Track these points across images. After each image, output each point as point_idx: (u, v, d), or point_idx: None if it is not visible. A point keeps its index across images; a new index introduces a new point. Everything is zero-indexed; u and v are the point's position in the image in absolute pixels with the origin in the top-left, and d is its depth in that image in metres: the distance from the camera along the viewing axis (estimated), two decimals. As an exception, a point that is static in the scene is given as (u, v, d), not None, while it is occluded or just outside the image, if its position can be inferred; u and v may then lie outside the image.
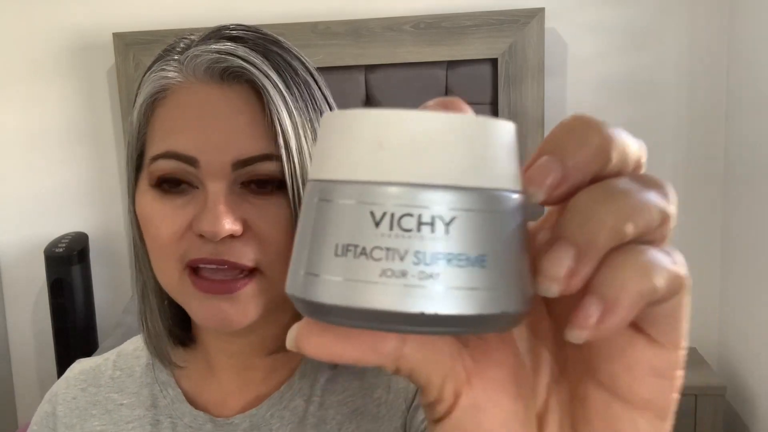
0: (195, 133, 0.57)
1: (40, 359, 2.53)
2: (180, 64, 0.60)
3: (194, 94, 0.58)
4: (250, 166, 0.57)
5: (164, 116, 0.59)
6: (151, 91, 0.60)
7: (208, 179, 0.57)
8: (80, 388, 0.73)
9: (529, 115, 2.17)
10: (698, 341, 2.29)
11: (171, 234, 0.58)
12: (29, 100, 2.43)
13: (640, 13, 2.20)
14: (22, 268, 2.50)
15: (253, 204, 0.58)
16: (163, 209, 0.59)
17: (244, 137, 0.57)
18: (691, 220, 2.26)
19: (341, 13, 2.25)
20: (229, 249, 0.57)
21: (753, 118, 2.03)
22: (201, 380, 0.70)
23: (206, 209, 0.56)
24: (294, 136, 0.57)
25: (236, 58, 0.58)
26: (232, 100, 0.58)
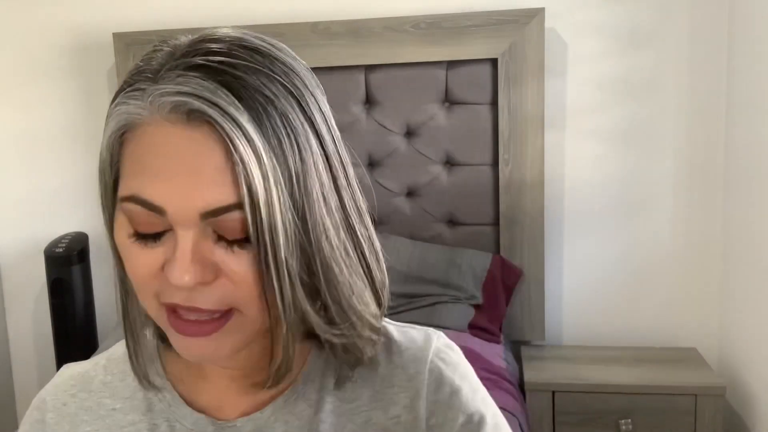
0: (161, 179, 0.54)
1: (40, 359, 2.53)
2: (145, 100, 0.55)
3: (160, 135, 0.55)
4: (218, 216, 0.54)
5: (132, 153, 0.57)
6: (118, 126, 0.57)
7: (176, 226, 0.55)
8: (70, 393, 0.71)
9: (529, 115, 2.17)
10: (698, 341, 2.29)
11: (144, 274, 0.57)
12: (29, 100, 2.43)
13: (640, 13, 2.20)
14: (22, 268, 2.50)
15: (225, 248, 0.56)
16: (137, 248, 0.57)
17: (212, 185, 0.54)
18: (692, 220, 2.26)
19: (341, 13, 2.25)
20: (201, 295, 0.56)
21: (753, 118, 2.03)
22: (196, 384, 0.69)
23: (174, 259, 0.55)
24: (263, 187, 0.53)
25: (200, 99, 0.53)
26: (199, 142, 0.54)
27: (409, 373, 0.68)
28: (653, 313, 2.31)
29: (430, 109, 2.23)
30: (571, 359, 2.18)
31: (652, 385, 2.01)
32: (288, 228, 0.55)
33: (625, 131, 2.25)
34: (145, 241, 0.57)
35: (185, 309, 0.57)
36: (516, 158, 2.19)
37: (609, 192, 2.28)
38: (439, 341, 0.70)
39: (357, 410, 0.67)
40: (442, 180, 2.26)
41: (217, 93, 0.53)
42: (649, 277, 2.30)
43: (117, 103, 0.58)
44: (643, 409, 2.01)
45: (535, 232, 2.23)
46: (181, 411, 0.68)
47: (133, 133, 0.57)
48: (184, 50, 0.57)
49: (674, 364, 2.13)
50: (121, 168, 0.58)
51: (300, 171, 0.55)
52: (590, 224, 2.30)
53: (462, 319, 2.06)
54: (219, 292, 0.56)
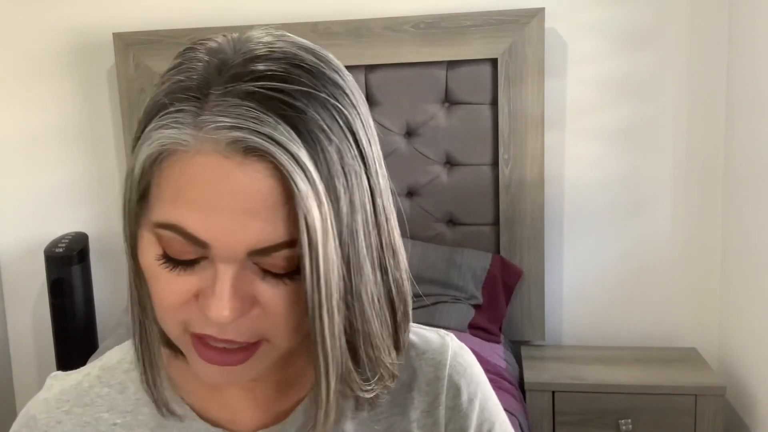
0: (208, 211, 0.51)
1: (40, 359, 2.53)
2: (195, 128, 0.52)
3: (210, 166, 0.51)
4: (266, 256, 0.52)
5: (173, 177, 0.52)
6: (159, 149, 0.53)
7: (218, 261, 0.52)
8: (64, 410, 0.66)
9: (529, 115, 2.17)
10: (698, 341, 2.29)
11: (173, 301, 0.54)
12: (29, 100, 2.43)
13: (640, 13, 2.20)
14: (22, 268, 2.50)
15: (266, 282, 0.53)
16: (167, 274, 0.54)
17: (264, 222, 0.51)
18: (691, 220, 2.26)
19: (341, 13, 2.25)
20: (235, 327, 0.53)
21: (753, 118, 2.03)
22: (206, 396, 0.66)
23: (214, 294, 0.52)
24: (321, 227, 0.51)
25: (260, 136, 0.50)
26: (255, 178, 0.51)
27: (429, 377, 0.68)
28: (653, 313, 2.31)
29: (430, 109, 2.23)
30: (571, 359, 2.18)
31: (652, 385, 2.01)
32: (339, 274, 0.53)
33: (625, 131, 2.25)
34: (174, 266, 0.53)
35: (217, 340, 0.54)
36: (516, 158, 2.19)
37: (609, 192, 2.28)
38: (454, 344, 0.70)
39: (377, 417, 0.66)
40: (442, 180, 2.26)
41: (278, 128, 0.50)
42: (649, 277, 2.30)
43: (159, 125, 0.53)
44: (643, 409, 2.01)
45: (535, 232, 2.23)
46: (196, 426, 0.64)
47: (176, 159, 0.52)
48: (232, 70, 0.52)
49: (674, 364, 2.13)
50: (156, 191, 0.53)
51: (349, 212, 0.53)
52: (590, 224, 2.30)
53: (462, 319, 2.06)
54: (252, 323, 0.54)
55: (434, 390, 0.67)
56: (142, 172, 0.54)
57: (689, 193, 2.25)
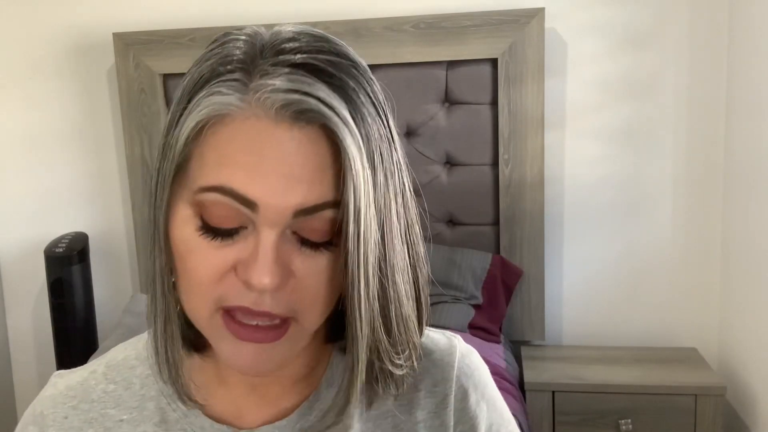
0: (257, 173, 0.52)
1: (40, 359, 2.53)
2: (246, 92, 0.53)
3: (259, 130, 0.53)
4: (312, 214, 0.53)
5: (220, 144, 0.54)
6: (209, 114, 0.54)
7: (263, 224, 0.53)
8: (70, 405, 0.67)
9: (529, 115, 2.17)
10: (698, 341, 2.29)
11: (212, 274, 0.54)
12: (29, 100, 2.43)
13: (640, 13, 2.20)
14: (22, 268, 2.50)
15: (302, 253, 0.55)
16: (205, 246, 0.54)
17: (311, 183, 0.53)
18: (691, 220, 2.26)
19: (341, 13, 2.25)
20: (272, 299, 0.54)
21: (753, 119, 2.03)
22: (212, 392, 0.66)
23: (257, 260, 0.53)
24: (363, 191, 0.53)
25: (315, 100, 0.53)
26: (302, 142, 0.53)
27: (436, 378, 0.68)
28: (653, 313, 2.31)
29: (430, 109, 2.23)
30: (571, 359, 2.18)
31: (652, 385, 2.01)
32: (375, 240, 0.55)
33: (625, 131, 2.25)
34: (214, 237, 0.54)
35: (251, 314, 0.54)
36: (516, 158, 2.19)
37: (609, 192, 2.28)
38: (462, 345, 0.71)
39: (384, 415, 0.66)
40: (442, 180, 2.26)
41: (327, 93, 0.53)
42: (649, 277, 2.30)
43: (209, 93, 0.54)
44: (643, 409, 2.01)
45: (535, 232, 2.23)
46: (200, 421, 0.65)
47: (224, 125, 0.54)
48: (276, 46, 0.55)
49: (674, 364, 2.13)
50: (197, 160, 0.54)
51: (384, 182, 0.56)
52: (590, 224, 2.30)
53: (462, 319, 2.06)
54: (287, 296, 0.55)
55: (442, 391, 0.68)
56: (186, 141, 0.54)
57: (689, 193, 2.25)
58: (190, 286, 0.56)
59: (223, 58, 0.56)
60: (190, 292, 0.56)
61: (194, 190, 0.54)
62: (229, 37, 0.57)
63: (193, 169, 0.55)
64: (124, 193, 2.41)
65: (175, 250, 0.56)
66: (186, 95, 0.56)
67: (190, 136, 0.54)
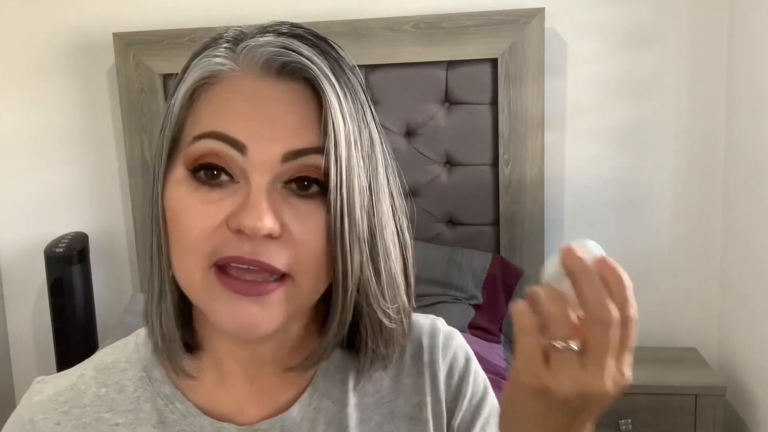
0: (246, 119, 0.56)
1: (40, 359, 2.53)
2: (234, 53, 0.58)
3: (248, 85, 0.57)
4: (300, 158, 0.56)
5: (213, 100, 0.58)
6: (201, 75, 0.58)
7: (253, 171, 0.55)
8: (62, 411, 0.65)
9: (529, 115, 2.17)
10: (698, 341, 2.29)
11: (203, 228, 0.56)
12: (29, 100, 2.43)
13: (640, 13, 2.20)
14: (22, 268, 2.50)
15: (294, 206, 0.56)
16: (197, 202, 0.56)
17: (296, 129, 0.56)
18: (691, 220, 2.26)
19: (341, 13, 2.25)
20: (265, 249, 0.55)
21: (753, 118, 2.03)
22: (211, 391, 0.66)
23: (249, 204, 0.54)
24: (345, 141, 0.56)
25: (297, 54, 0.57)
26: (287, 95, 0.57)
27: (424, 360, 0.69)
28: (653, 313, 2.31)
29: (430, 109, 2.23)
30: (571, 359, 2.18)
31: (652, 385, 2.01)
32: (362, 187, 0.58)
33: (625, 131, 2.25)
34: (205, 187, 0.56)
35: (247, 263, 0.55)
36: (516, 158, 2.19)
37: (609, 192, 2.28)
38: (444, 326, 0.73)
39: (380, 402, 0.68)
40: (442, 180, 2.26)
41: (309, 50, 0.58)
42: (649, 277, 2.30)
43: (200, 59, 0.59)
44: (643, 409, 2.00)
45: (535, 232, 2.23)
46: (199, 421, 0.64)
47: (216, 84, 0.58)
48: (261, 27, 0.61)
49: (674, 364, 2.13)
50: (195, 116, 0.58)
51: (370, 142, 0.60)
52: (590, 224, 2.30)
53: (462, 319, 2.06)
54: (280, 247, 0.56)
55: (432, 371, 0.69)
56: (180, 107, 0.58)
57: (689, 193, 2.25)
58: (184, 246, 0.57)
59: (215, 36, 0.61)
60: (184, 252, 0.57)
61: (188, 143, 0.57)
62: (221, 29, 0.62)
63: (187, 131, 0.58)
64: (124, 193, 2.41)
65: (170, 214, 0.58)
66: (181, 72, 0.61)
67: (183, 103, 0.58)
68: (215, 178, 0.56)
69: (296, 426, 0.65)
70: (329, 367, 0.67)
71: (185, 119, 0.58)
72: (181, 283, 0.59)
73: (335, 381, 0.67)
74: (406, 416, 0.67)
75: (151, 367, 0.66)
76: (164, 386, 0.65)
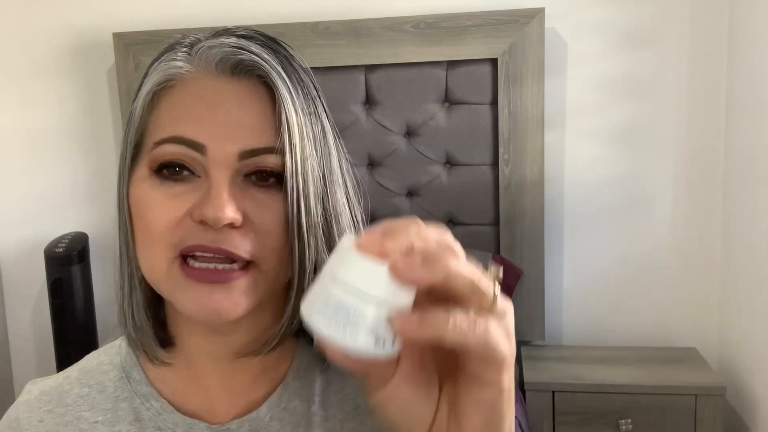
0: (204, 121, 0.59)
1: (40, 359, 2.53)
2: (190, 55, 0.61)
3: (204, 86, 0.60)
4: (255, 157, 0.58)
5: (172, 104, 0.60)
6: (159, 80, 0.61)
7: (213, 167, 0.58)
8: (46, 410, 0.68)
9: (529, 115, 2.17)
10: (698, 341, 2.29)
11: (168, 221, 0.58)
12: (29, 100, 2.43)
13: (640, 13, 2.20)
14: (22, 268, 2.50)
15: (254, 197, 0.59)
16: (161, 196, 0.59)
17: (252, 130, 0.59)
18: (691, 220, 2.26)
19: (341, 13, 2.25)
20: (228, 238, 0.57)
21: (753, 118, 2.03)
22: (184, 388, 0.68)
23: (210, 196, 0.57)
24: (299, 134, 0.59)
25: (249, 53, 0.60)
26: (242, 93, 0.60)
27: None
28: (653, 313, 2.31)
29: (430, 109, 2.23)
30: (571, 359, 2.18)
31: (652, 385, 2.01)
32: (316, 177, 0.60)
33: (625, 131, 2.25)
34: (168, 182, 0.59)
35: (210, 251, 0.57)
36: (516, 158, 2.19)
37: (609, 192, 2.28)
38: None
39: (345, 399, 0.68)
40: (442, 180, 2.26)
41: (261, 50, 0.61)
42: (649, 277, 2.30)
43: (159, 63, 0.62)
44: (643, 409, 2.00)
45: (535, 232, 2.23)
46: (172, 418, 0.66)
47: (175, 87, 0.60)
48: (215, 32, 0.63)
49: (674, 364, 2.13)
50: (156, 120, 0.61)
51: (322, 134, 0.62)
52: (590, 224, 2.30)
53: (462, 319, 2.06)
54: (244, 238, 0.58)
55: None
56: (142, 111, 0.61)
57: (689, 193, 2.25)
58: (150, 239, 0.59)
59: (175, 41, 0.64)
60: (150, 244, 0.60)
61: (150, 148, 0.60)
62: (180, 35, 0.65)
63: (149, 135, 0.61)
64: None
65: (135, 210, 0.61)
66: (143, 76, 0.63)
67: (145, 106, 0.61)
68: (178, 173, 0.59)
69: (265, 425, 0.66)
70: (300, 367, 0.69)
71: (147, 123, 0.61)
72: (147, 276, 0.61)
73: (305, 380, 0.68)
74: (369, 409, 0.67)
75: (130, 368, 0.69)
76: (141, 385, 0.68)
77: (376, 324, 0.44)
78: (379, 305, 0.44)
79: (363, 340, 0.44)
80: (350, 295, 0.44)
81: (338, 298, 0.44)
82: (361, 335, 0.44)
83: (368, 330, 0.44)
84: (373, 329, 0.44)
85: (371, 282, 0.44)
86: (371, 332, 0.44)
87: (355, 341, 0.44)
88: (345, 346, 0.44)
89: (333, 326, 0.44)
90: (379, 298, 0.44)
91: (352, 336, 0.44)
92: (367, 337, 0.44)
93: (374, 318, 0.44)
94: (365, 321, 0.44)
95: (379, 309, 0.44)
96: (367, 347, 0.44)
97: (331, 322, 0.44)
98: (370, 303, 0.44)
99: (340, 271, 0.45)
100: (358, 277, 0.44)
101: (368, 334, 0.44)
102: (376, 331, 0.44)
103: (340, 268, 0.45)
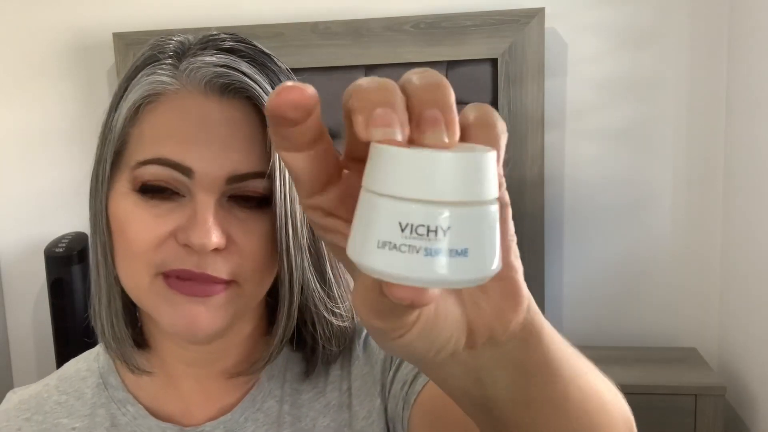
0: (191, 143, 0.57)
1: (40, 359, 2.53)
2: (177, 71, 0.59)
3: (191, 105, 0.58)
4: (243, 182, 0.57)
5: (157, 120, 0.58)
6: (145, 93, 0.59)
7: (199, 191, 0.57)
8: (24, 418, 0.69)
9: (529, 115, 2.17)
10: (698, 341, 2.29)
11: (150, 240, 0.57)
12: (29, 100, 2.43)
13: (640, 13, 2.20)
14: (22, 268, 2.50)
15: (238, 218, 0.58)
16: (144, 215, 0.58)
17: (240, 153, 0.57)
18: (691, 220, 2.26)
19: (341, 13, 2.25)
20: (212, 263, 0.57)
21: (753, 119, 2.03)
22: (160, 393, 0.68)
23: (196, 221, 0.56)
24: None
25: (239, 73, 0.58)
26: (231, 114, 0.58)
27: (353, 354, 0.71)
28: (653, 313, 2.31)
29: (430, 109, 2.23)
30: (571, 359, 2.18)
31: (652, 385, 2.00)
32: None
33: (625, 131, 2.25)
34: (153, 201, 0.57)
35: (195, 276, 0.57)
36: (516, 158, 2.19)
37: (609, 192, 2.28)
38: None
39: (315, 397, 0.69)
40: (442, 180, 2.26)
41: (251, 69, 0.58)
42: (649, 277, 2.30)
43: (143, 75, 0.60)
44: (643, 409, 2.00)
45: (535, 231, 2.22)
46: (147, 422, 0.67)
47: (160, 103, 0.58)
48: (205, 38, 0.61)
49: (674, 364, 2.12)
50: (140, 135, 0.59)
51: None
52: (590, 224, 2.30)
53: (462, 319, 2.06)
54: (226, 259, 0.57)
55: (350, 351, 0.70)
56: (123, 124, 0.60)
57: (689, 193, 2.25)
58: (131, 255, 0.59)
59: (156, 49, 0.61)
60: (131, 260, 0.59)
61: (132, 166, 0.58)
62: (160, 40, 0.63)
63: (131, 149, 0.59)
64: (124, 193, 2.41)
65: (115, 224, 0.59)
66: (123, 84, 0.61)
67: (127, 118, 0.59)
68: (162, 192, 0.58)
69: (240, 427, 0.67)
70: (273, 368, 0.69)
71: (128, 135, 0.60)
72: (127, 288, 0.61)
73: (278, 381, 0.69)
74: (342, 405, 0.68)
75: (108, 374, 0.70)
76: (118, 391, 0.69)
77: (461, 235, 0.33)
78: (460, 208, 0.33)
79: (448, 264, 0.33)
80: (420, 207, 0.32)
81: (407, 217, 0.32)
82: (444, 258, 0.32)
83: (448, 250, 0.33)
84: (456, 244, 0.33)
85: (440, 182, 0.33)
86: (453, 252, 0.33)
87: (443, 268, 0.33)
88: (429, 279, 0.33)
89: (403, 260, 0.32)
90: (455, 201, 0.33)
91: (435, 263, 0.32)
92: (452, 258, 0.33)
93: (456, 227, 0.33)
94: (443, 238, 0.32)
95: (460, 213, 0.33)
96: (458, 273, 0.33)
97: (397, 255, 0.32)
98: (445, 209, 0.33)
99: (393, 184, 0.33)
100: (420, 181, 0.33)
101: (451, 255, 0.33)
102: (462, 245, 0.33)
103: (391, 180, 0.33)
